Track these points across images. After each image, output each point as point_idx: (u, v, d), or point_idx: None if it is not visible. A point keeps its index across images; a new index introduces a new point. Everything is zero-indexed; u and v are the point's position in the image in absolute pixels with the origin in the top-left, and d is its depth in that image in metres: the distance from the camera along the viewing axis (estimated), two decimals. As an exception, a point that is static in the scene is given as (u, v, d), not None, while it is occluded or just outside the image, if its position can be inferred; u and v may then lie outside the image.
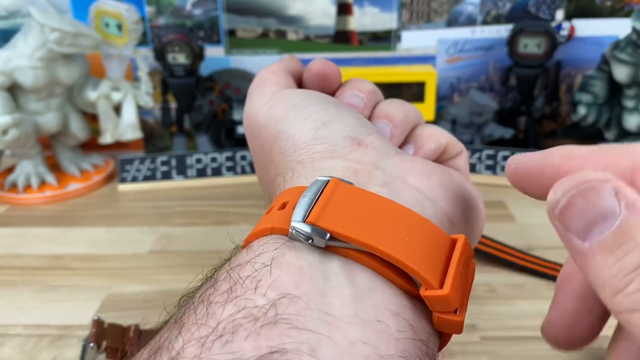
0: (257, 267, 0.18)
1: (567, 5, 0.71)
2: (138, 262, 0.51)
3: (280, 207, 0.21)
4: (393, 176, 0.23)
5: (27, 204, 0.64)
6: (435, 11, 0.72)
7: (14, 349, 0.40)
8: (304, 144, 0.25)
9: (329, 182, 0.20)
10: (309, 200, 0.20)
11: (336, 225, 0.19)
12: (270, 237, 0.20)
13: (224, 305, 0.17)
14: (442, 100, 0.76)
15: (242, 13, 0.73)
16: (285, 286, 0.17)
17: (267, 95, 0.28)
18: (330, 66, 0.30)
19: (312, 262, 0.18)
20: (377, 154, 0.24)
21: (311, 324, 0.16)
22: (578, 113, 0.67)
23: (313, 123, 0.25)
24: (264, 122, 0.27)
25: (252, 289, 0.17)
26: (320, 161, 0.23)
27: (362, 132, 0.25)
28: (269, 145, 0.27)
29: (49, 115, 0.65)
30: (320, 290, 0.18)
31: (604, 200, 0.15)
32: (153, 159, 0.67)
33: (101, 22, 0.65)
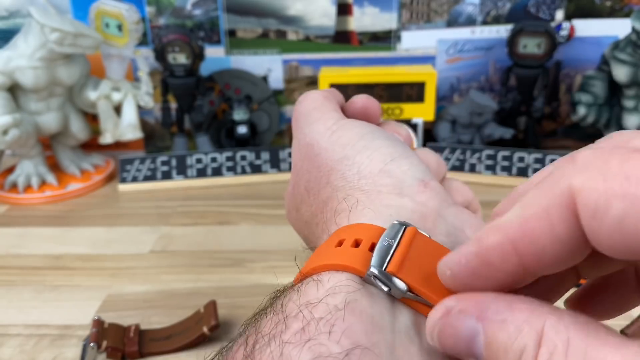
0: (331, 309, 0.18)
1: (566, 6, 0.71)
2: (138, 262, 0.51)
3: (353, 244, 0.21)
4: (454, 227, 0.23)
5: (28, 204, 0.64)
6: (435, 11, 0.72)
7: (15, 348, 0.40)
8: (370, 174, 0.25)
9: (407, 230, 0.20)
10: (388, 246, 0.20)
11: (414, 279, 0.19)
12: (343, 276, 0.20)
13: (298, 349, 0.17)
14: (442, 101, 0.76)
15: (242, 13, 0.73)
16: (357, 335, 0.17)
17: (331, 119, 0.28)
18: (373, 102, 0.30)
19: (383, 313, 0.18)
20: (440, 200, 0.24)
21: None
22: (578, 113, 0.67)
23: (382, 156, 0.25)
24: (327, 145, 0.27)
25: (325, 333, 0.17)
26: (388, 196, 0.23)
27: (427, 175, 0.25)
28: (327, 168, 0.27)
29: (50, 115, 0.65)
30: (390, 343, 0.18)
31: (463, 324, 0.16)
32: (153, 159, 0.68)
33: (101, 22, 0.65)
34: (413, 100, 0.67)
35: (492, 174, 0.65)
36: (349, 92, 0.67)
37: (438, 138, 0.72)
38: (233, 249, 0.52)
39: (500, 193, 0.62)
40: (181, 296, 0.46)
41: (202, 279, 0.48)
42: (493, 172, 0.65)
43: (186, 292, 0.46)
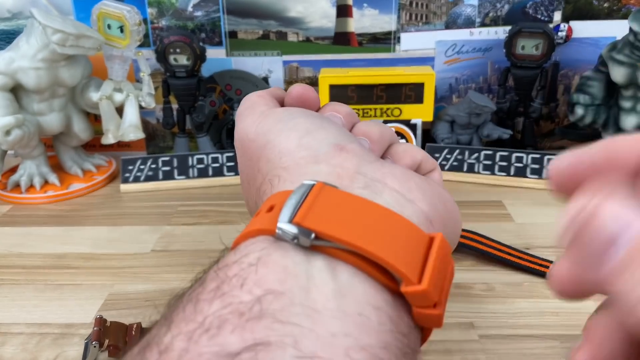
0: (244, 266, 0.19)
1: (564, 7, 0.71)
2: (140, 261, 0.52)
3: (268, 210, 0.22)
4: (374, 179, 0.24)
5: (30, 204, 0.64)
6: (434, 13, 0.73)
7: (17, 347, 0.41)
8: (289, 151, 0.26)
9: (315, 186, 0.22)
10: (295, 203, 0.21)
11: (321, 226, 0.20)
12: (257, 239, 0.21)
13: (210, 302, 0.18)
14: (441, 101, 0.76)
15: (243, 15, 0.73)
16: (270, 283, 0.18)
17: (256, 113, 0.30)
18: (308, 90, 0.32)
19: (297, 261, 0.19)
20: (358, 159, 0.25)
21: (295, 318, 0.17)
22: (575, 114, 0.67)
23: (298, 132, 0.27)
24: (253, 136, 0.29)
25: (238, 287, 0.18)
26: (305, 166, 0.25)
27: (345, 140, 0.26)
28: (256, 157, 0.28)
29: (52, 115, 0.65)
30: (304, 287, 0.18)
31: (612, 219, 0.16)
32: (155, 159, 0.68)
33: (103, 23, 0.66)
34: (412, 101, 0.67)
35: (490, 174, 0.66)
36: (349, 93, 0.67)
37: (437, 138, 0.72)
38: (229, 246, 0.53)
39: (498, 193, 0.63)
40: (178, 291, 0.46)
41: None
42: (491, 172, 0.66)
43: (187, 291, 0.47)
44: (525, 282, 0.47)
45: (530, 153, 0.65)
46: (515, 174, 0.65)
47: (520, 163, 0.65)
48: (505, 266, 0.48)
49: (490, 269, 0.48)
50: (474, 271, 0.48)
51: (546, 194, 0.62)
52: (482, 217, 0.57)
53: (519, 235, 0.53)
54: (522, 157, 0.65)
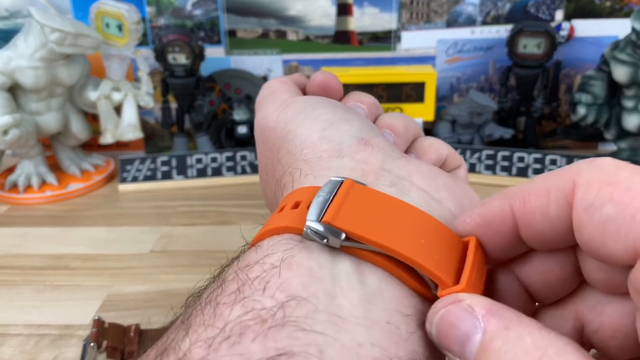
0: (266, 267, 0.18)
1: (566, 6, 0.71)
2: (139, 261, 0.51)
3: (293, 207, 0.21)
4: (400, 177, 0.23)
5: (28, 204, 0.64)
6: (435, 12, 0.72)
7: (15, 348, 0.40)
8: (311, 143, 0.25)
9: (344, 183, 0.20)
10: (323, 200, 0.20)
11: (351, 226, 0.19)
12: (281, 237, 0.20)
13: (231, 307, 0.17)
14: (442, 101, 0.76)
15: (242, 13, 0.73)
16: (293, 288, 0.17)
17: (278, 101, 0.29)
18: (332, 77, 0.30)
19: (323, 264, 0.18)
20: (383, 155, 0.24)
21: (319, 326, 0.16)
22: (577, 113, 0.67)
23: (321, 124, 0.26)
24: (274, 125, 0.28)
25: (260, 290, 0.17)
26: (328, 160, 0.24)
27: (369, 133, 0.25)
28: (276, 147, 0.27)
29: (50, 115, 0.65)
30: (330, 292, 0.17)
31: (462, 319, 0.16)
32: (153, 159, 0.68)
33: (102, 22, 0.65)
34: (413, 100, 0.67)
35: (491, 173, 0.66)
36: (349, 92, 0.67)
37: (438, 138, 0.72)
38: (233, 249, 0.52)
39: (500, 193, 0.63)
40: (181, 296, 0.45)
41: (202, 278, 0.47)
42: (493, 172, 0.66)
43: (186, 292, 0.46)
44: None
45: (532, 153, 0.65)
46: (517, 173, 0.65)
47: (522, 163, 0.65)
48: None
49: (492, 270, 0.48)
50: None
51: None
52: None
53: (520, 235, 0.53)
54: (524, 157, 0.65)
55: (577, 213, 0.16)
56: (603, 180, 0.16)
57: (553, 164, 0.64)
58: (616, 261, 0.16)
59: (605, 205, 0.16)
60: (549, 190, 0.17)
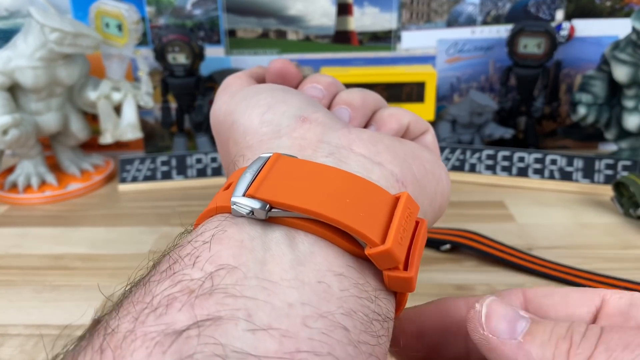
0: (197, 245, 0.18)
1: (567, 6, 0.71)
2: (138, 261, 0.51)
3: (225, 188, 0.21)
4: (339, 146, 0.23)
5: (28, 204, 0.64)
6: (435, 11, 0.72)
7: (15, 348, 0.40)
8: (252, 129, 0.25)
9: (270, 158, 0.21)
10: (250, 177, 0.20)
11: (275, 195, 0.19)
12: (214, 217, 0.20)
13: (160, 283, 0.17)
14: (442, 100, 0.76)
15: (242, 13, 0.73)
16: (223, 259, 0.17)
17: (227, 94, 0.29)
18: (288, 64, 0.31)
19: (254, 235, 0.19)
20: (322, 128, 0.24)
21: (248, 292, 0.16)
22: (578, 113, 0.67)
23: (259, 108, 0.26)
24: (222, 118, 0.28)
25: (189, 265, 0.17)
26: (268, 142, 0.24)
27: (308, 110, 0.25)
28: (226, 139, 0.27)
29: (49, 115, 0.65)
30: (260, 260, 0.18)
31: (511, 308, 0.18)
32: (153, 159, 0.68)
33: (101, 22, 0.65)
34: (413, 100, 0.67)
35: (492, 174, 0.65)
36: (349, 92, 0.67)
37: (438, 138, 0.72)
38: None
39: (500, 193, 0.63)
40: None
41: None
42: (493, 172, 0.65)
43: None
44: (527, 283, 0.46)
45: (532, 153, 0.64)
46: (517, 174, 0.64)
47: (522, 163, 0.65)
48: (507, 267, 0.48)
49: (492, 270, 0.48)
50: (475, 272, 0.48)
51: (549, 195, 0.62)
52: (483, 217, 0.57)
53: (520, 236, 0.53)
54: (524, 157, 0.65)
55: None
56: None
57: (553, 164, 0.64)
58: None
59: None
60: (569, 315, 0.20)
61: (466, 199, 0.61)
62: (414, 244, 0.20)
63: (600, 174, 0.62)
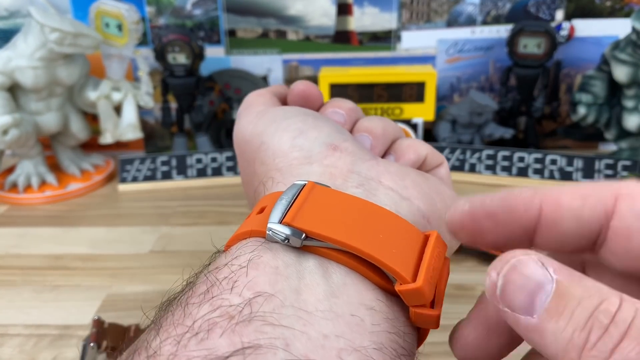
0: (234, 268, 0.19)
1: (567, 6, 0.71)
2: (138, 262, 0.51)
3: (259, 212, 0.22)
4: (368, 178, 0.24)
5: (28, 204, 0.64)
6: (435, 11, 0.72)
7: (14, 348, 0.40)
8: (282, 153, 0.26)
9: (305, 186, 0.21)
10: (285, 203, 0.20)
11: (311, 225, 0.19)
12: (248, 240, 0.21)
13: (199, 306, 0.18)
14: (442, 100, 0.76)
15: (242, 13, 0.73)
16: (260, 286, 0.18)
17: (253, 113, 0.29)
18: (311, 87, 0.31)
19: (288, 262, 0.19)
20: (352, 158, 0.25)
21: (285, 320, 0.17)
22: (578, 113, 0.67)
23: (291, 132, 0.26)
24: (249, 137, 0.28)
25: (228, 290, 0.18)
26: (298, 167, 0.24)
27: (338, 138, 0.26)
28: (252, 159, 0.28)
29: (50, 115, 0.65)
30: (295, 288, 0.18)
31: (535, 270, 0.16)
32: (153, 159, 0.68)
33: (101, 22, 0.65)
34: (413, 100, 0.67)
35: (492, 173, 0.65)
36: (349, 92, 0.67)
37: (438, 138, 0.72)
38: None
39: (500, 193, 0.62)
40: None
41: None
42: (493, 172, 0.65)
43: (186, 292, 0.46)
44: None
45: (532, 152, 0.64)
46: (517, 173, 0.64)
47: (522, 163, 0.65)
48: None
49: (492, 270, 0.48)
50: (475, 272, 0.48)
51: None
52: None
53: (521, 235, 0.53)
54: (524, 157, 0.65)
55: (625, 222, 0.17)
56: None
57: (553, 164, 0.64)
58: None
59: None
60: (587, 195, 0.17)
61: (466, 199, 0.61)
62: (439, 282, 0.20)
63: (600, 174, 0.62)
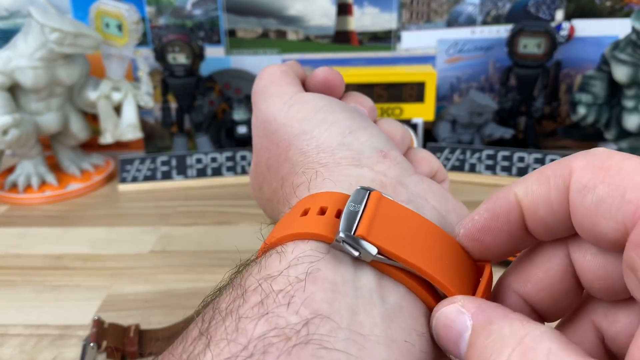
0: (291, 280, 0.18)
1: (566, 6, 0.71)
2: (138, 262, 0.51)
3: (319, 212, 0.20)
4: (415, 194, 0.23)
5: (28, 204, 0.64)
6: (435, 11, 0.72)
7: (15, 348, 0.40)
8: (329, 147, 0.25)
9: (372, 195, 0.20)
10: (355, 211, 0.20)
11: (384, 242, 0.19)
12: (308, 245, 0.19)
13: (255, 321, 0.17)
14: (442, 100, 0.76)
15: (242, 13, 0.73)
16: (317, 304, 0.17)
17: (287, 94, 0.28)
18: (335, 74, 0.30)
19: (347, 277, 0.19)
20: (400, 169, 0.24)
21: (341, 344, 0.17)
22: (578, 113, 0.67)
23: (340, 129, 0.25)
24: (284, 120, 0.27)
25: (284, 305, 0.17)
26: (347, 167, 0.23)
27: (387, 145, 0.25)
28: (285, 144, 0.26)
29: (50, 115, 0.65)
30: (352, 308, 0.18)
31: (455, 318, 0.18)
32: (153, 159, 0.67)
33: (101, 22, 0.65)
34: (413, 100, 0.67)
35: (492, 174, 0.65)
36: (349, 92, 0.67)
37: (438, 138, 0.72)
38: (233, 249, 0.52)
39: (500, 193, 0.62)
40: (181, 296, 0.46)
41: (202, 279, 0.48)
42: (493, 172, 0.65)
43: (186, 292, 0.46)
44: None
45: (532, 153, 0.64)
46: (517, 174, 0.64)
47: (522, 163, 0.65)
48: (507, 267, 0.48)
49: (492, 270, 0.48)
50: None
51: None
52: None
53: (521, 235, 0.53)
54: (524, 157, 0.65)
55: (572, 196, 0.17)
56: (596, 165, 0.17)
57: (553, 164, 0.64)
58: (608, 240, 0.17)
59: (597, 186, 0.17)
60: (549, 177, 0.18)
61: (466, 199, 0.61)
62: None
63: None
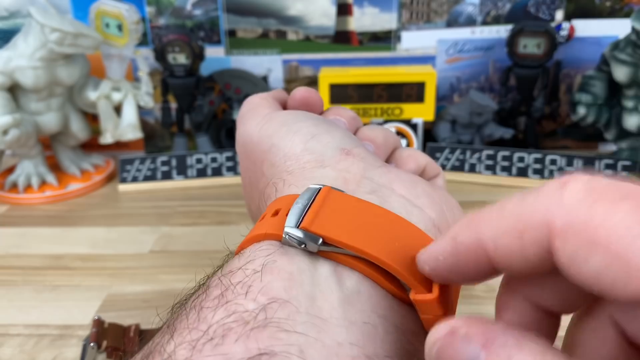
0: (249, 273, 0.19)
1: (566, 6, 0.71)
2: (138, 262, 0.51)
3: (273, 214, 0.21)
4: (380, 185, 0.24)
5: (28, 204, 0.64)
6: (435, 11, 0.72)
7: (15, 348, 0.40)
8: (294, 155, 0.26)
9: (321, 190, 0.21)
10: (301, 207, 0.20)
11: (328, 231, 0.19)
12: (262, 244, 0.20)
13: (214, 310, 0.18)
14: (442, 101, 0.76)
15: (242, 13, 0.73)
16: (275, 291, 0.18)
17: (259, 116, 0.30)
18: (312, 93, 0.31)
19: (303, 268, 0.19)
20: (364, 164, 0.25)
21: (300, 327, 0.17)
22: (578, 113, 0.67)
23: (303, 136, 0.26)
24: (257, 139, 0.28)
25: (242, 294, 0.18)
26: (311, 170, 0.24)
27: (350, 144, 0.26)
28: (260, 160, 0.28)
29: (50, 115, 0.65)
30: (310, 294, 0.18)
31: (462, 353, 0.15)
32: (153, 159, 0.68)
33: (101, 22, 0.65)
34: (413, 100, 0.67)
35: (492, 174, 0.65)
36: (349, 92, 0.67)
37: (438, 138, 0.72)
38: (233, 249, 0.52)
39: (500, 193, 0.63)
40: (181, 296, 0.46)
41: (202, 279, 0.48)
42: (493, 172, 0.65)
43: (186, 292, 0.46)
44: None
45: (532, 153, 0.64)
46: (517, 174, 0.65)
47: (522, 163, 0.65)
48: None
49: (492, 270, 0.48)
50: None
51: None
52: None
53: (521, 235, 0.53)
54: (524, 157, 0.65)
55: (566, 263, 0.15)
56: (579, 229, 0.14)
57: (553, 164, 0.64)
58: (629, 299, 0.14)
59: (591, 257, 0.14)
60: (522, 231, 0.15)
61: (466, 199, 0.61)
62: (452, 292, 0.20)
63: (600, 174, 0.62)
